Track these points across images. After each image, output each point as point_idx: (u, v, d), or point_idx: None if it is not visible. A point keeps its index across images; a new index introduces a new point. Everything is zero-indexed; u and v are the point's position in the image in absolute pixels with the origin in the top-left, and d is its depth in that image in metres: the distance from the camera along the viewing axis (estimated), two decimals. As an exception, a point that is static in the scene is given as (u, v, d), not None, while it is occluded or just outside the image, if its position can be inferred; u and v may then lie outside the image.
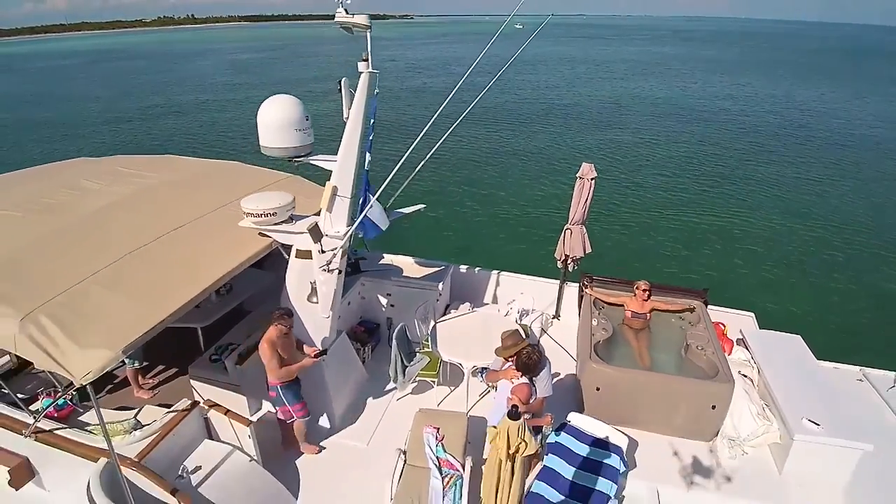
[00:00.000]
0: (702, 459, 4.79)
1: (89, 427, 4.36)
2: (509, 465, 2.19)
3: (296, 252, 4.81)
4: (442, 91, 36.70)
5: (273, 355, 4.39)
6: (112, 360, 3.43)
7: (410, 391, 5.64)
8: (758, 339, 5.64)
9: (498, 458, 2.20)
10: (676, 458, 4.77)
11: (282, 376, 4.48)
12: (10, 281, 3.94)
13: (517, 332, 4.05)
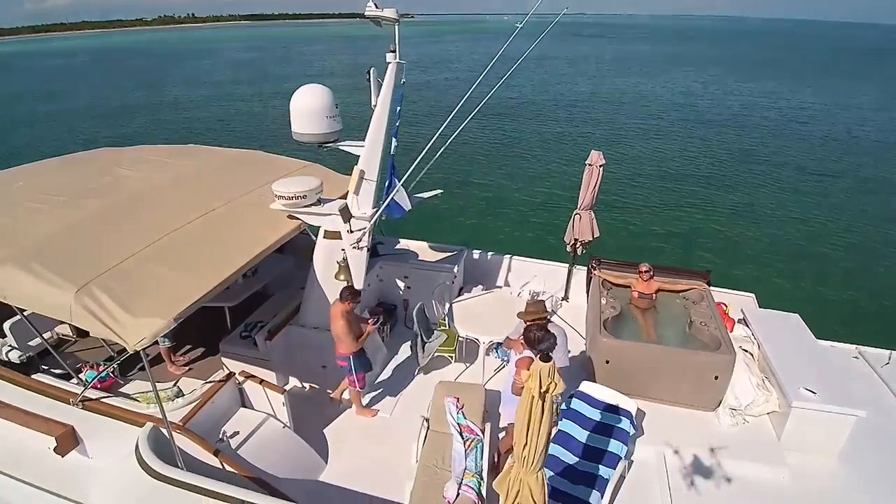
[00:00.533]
0: (705, 427, 5.10)
1: (134, 395, 4.66)
2: (540, 403, 2.47)
3: (324, 233, 5.12)
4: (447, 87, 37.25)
5: (348, 327, 4.80)
6: (164, 327, 3.73)
7: (430, 367, 5.94)
8: (758, 318, 5.93)
9: (531, 396, 2.49)
10: (681, 426, 5.07)
11: (354, 346, 4.88)
12: (62, 258, 4.25)
13: (543, 302, 4.33)
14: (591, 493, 4.12)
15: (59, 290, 3.89)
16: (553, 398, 2.45)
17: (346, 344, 4.85)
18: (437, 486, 4.21)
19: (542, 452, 2.66)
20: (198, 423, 4.48)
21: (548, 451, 2.72)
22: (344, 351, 4.90)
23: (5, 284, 4.06)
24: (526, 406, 2.49)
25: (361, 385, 5.12)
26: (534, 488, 2.75)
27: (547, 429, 2.56)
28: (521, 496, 2.78)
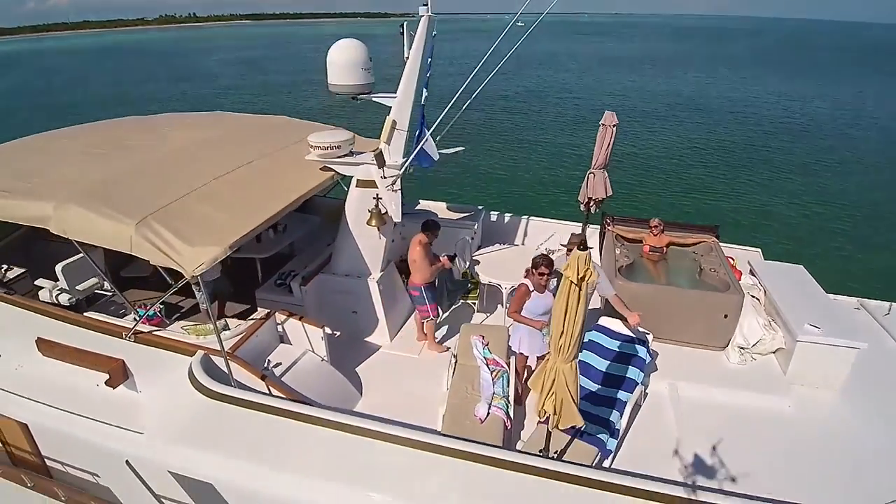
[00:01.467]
0: (715, 364, 5.42)
1: (184, 327, 4.97)
2: (577, 290, 2.76)
3: (356, 182, 5.43)
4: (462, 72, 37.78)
5: (425, 257, 5.27)
6: (221, 254, 4.04)
7: (454, 315, 6.26)
8: (764, 268, 6.25)
9: (568, 283, 2.78)
10: (692, 363, 5.39)
11: (428, 276, 5.35)
12: (118, 198, 4.57)
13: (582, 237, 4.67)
14: (611, 413, 4.45)
15: (119, 224, 4.21)
16: (588, 285, 2.74)
17: (421, 273, 5.32)
18: (467, 407, 4.54)
19: (577, 340, 2.97)
20: (243, 354, 4.80)
21: (582, 340, 3.03)
22: (417, 281, 5.37)
23: (67, 220, 4.38)
24: (564, 293, 2.79)
25: (435, 314, 5.55)
26: (568, 376, 3.07)
27: (582, 317, 2.87)
28: (556, 385, 3.10)
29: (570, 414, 3.18)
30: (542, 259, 4.43)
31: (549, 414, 3.29)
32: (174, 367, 4.67)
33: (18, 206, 4.57)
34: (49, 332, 5.14)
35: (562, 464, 3.49)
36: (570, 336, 2.90)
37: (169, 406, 4.65)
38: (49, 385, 5.14)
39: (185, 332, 4.87)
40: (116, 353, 4.99)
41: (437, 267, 5.48)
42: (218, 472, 4.31)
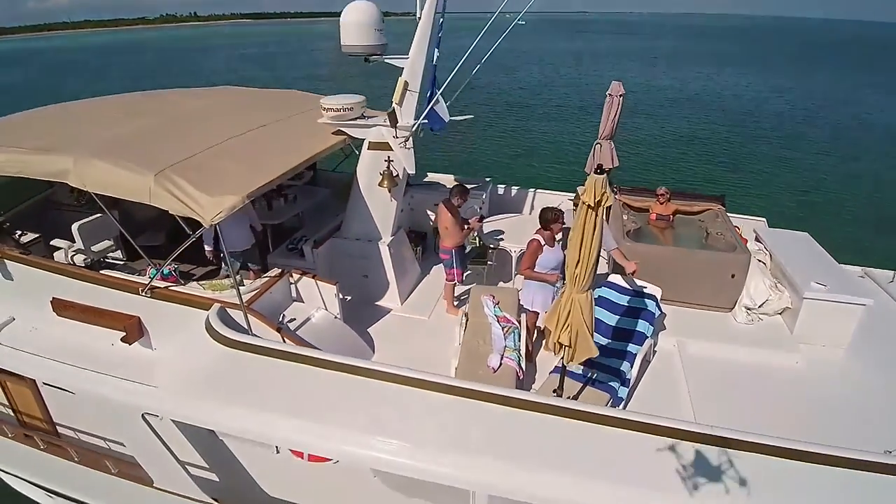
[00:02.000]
0: (722, 324, 5.49)
1: (200, 282, 5.03)
2: (594, 215, 2.83)
3: (368, 144, 5.50)
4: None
5: (455, 220, 5.38)
6: (238, 203, 4.13)
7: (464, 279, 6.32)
8: (770, 235, 6.32)
9: (585, 208, 2.85)
10: (700, 323, 5.45)
11: (459, 239, 5.45)
12: (136, 153, 4.65)
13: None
14: (621, 364, 4.52)
15: (138, 175, 4.29)
16: (604, 209, 2.81)
17: (451, 237, 5.42)
18: (480, 358, 4.61)
19: (592, 270, 3.04)
20: (258, 309, 4.86)
21: (596, 270, 3.09)
22: (448, 244, 5.46)
23: (86, 173, 4.46)
24: (580, 220, 2.86)
25: (460, 279, 5.67)
26: (583, 306, 3.14)
27: (598, 244, 2.94)
28: (571, 316, 3.17)
29: (586, 345, 3.25)
30: (550, 212, 4.51)
31: (564, 346, 3.36)
32: (190, 322, 4.73)
33: (38, 162, 4.64)
34: (64, 291, 5.20)
35: (577, 403, 3.57)
36: (586, 265, 2.97)
37: (185, 358, 4.71)
38: (63, 346, 5.17)
39: (201, 288, 4.95)
40: (132, 310, 5.06)
41: (467, 230, 5.59)
42: (236, 421, 4.37)
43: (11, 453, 6.04)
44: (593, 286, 3.28)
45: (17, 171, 4.72)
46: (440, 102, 5.26)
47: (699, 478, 3.57)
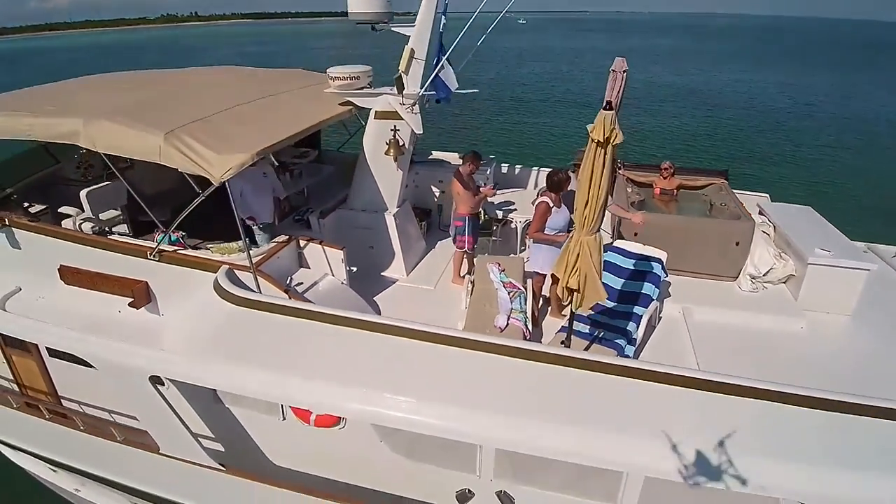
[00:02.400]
0: (727, 292, 5.51)
1: (208, 246, 5.05)
2: (602, 152, 2.86)
3: (375, 114, 5.54)
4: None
5: (467, 187, 5.42)
6: (247, 160, 4.16)
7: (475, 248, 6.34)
8: (774, 208, 6.34)
9: (594, 145, 2.87)
10: (705, 292, 5.48)
11: (472, 205, 5.48)
12: (146, 114, 4.69)
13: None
14: (627, 324, 4.56)
15: (148, 135, 4.32)
16: (615, 148, 2.84)
17: (465, 203, 5.45)
18: (486, 319, 4.64)
19: (600, 211, 3.07)
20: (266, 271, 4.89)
21: (604, 212, 3.12)
22: (462, 211, 5.50)
23: (96, 134, 4.49)
24: (589, 158, 2.89)
25: (470, 247, 5.70)
26: (592, 249, 3.16)
27: (607, 184, 2.97)
28: (580, 260, 3.20)
29: (594, 289, 3.28)
30: (558, 174, 4.55)
31: (573, 291, 3.38)
32: (198, 285, 4.76)
33: (48, 125, 4.68)
34: (72, 258, 5.22)
35: (585, 353, 3.60)
36: (594, 206, 3.00)
37: (193, 320, 4.73)
38: (70, 314, 5.18)
39: (210, 252, 4.97)
40: (140, 275, 5.08)
41: (480, 197, 5.62)
42: (244, 380, 4.39)
43: (15, 424, 6.05)
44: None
45: (26, 134, 4.76)
46: (447, 69, 5.30)
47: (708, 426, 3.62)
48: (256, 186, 5.13)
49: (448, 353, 3.83)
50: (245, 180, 5.03)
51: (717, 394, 3.52)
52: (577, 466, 4.46)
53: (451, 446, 4.72)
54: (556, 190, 4.64)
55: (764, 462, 3.62)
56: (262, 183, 5.23)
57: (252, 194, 5.07)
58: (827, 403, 3.44)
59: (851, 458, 3.57)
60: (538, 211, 4.64)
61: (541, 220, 4.60)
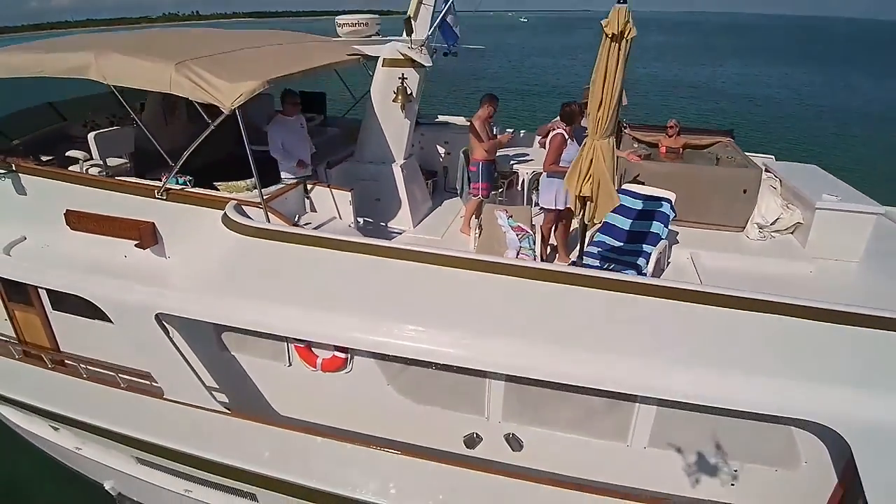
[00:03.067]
0: (735, 241, 5.51)
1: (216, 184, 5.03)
2: (616, 47, 2.84)
3: (383, 62, 5.54)
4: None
5: (483, 131, 5.44)
6: (258, 86, 4.16)
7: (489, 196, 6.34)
8: (780, 166, 6.35)
9: (607, 41, 2.85)
10: (713, 240, 5.48)
11: (487, 149, 5.50)
12: (157, 49, 4.70)
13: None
14: (637, 259, 4.56)
15: (158, 65, 4.33)
16: (629, 44, 2.83)
17: (479, 149, 5.48)
18: (495, 255, 4.63)
19: (614, 112, 3.06)
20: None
21: (618, 114, 3.11)
22: (477, 156, 5.52)
23: (107, 66, 4.49)
24: (602, 56, 2.88)
25: (485, 194, 5.71)
26: (605, 153, 3.16)
27: (621, 83, 2.96)
28: (593, 166, 3.19)
29: (608, 195, 3.27)
30: (567, 104, 4.54)
31: (587, 201, 3.38)
32: (205, 222, 4.73)
33: (58, 59, 4.68)
34: (78, 202, 5.19)
35: (602, 271, 3.59)
36: (608, 107, 3.00)
37: (201, 256, 4.71)
38: (75, 260, 5.14)
39: (218, 191, 4.95)
40: (147, 217, 5.05)
41: (494, 143, 5.63)
42: (256, 314, 4.37)
43: (18, 377, 6.01)
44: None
45: (37, 70, 4.76)
46: (454, 17, 5.31)
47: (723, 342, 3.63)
48: (298, 136, 5.24)
49: (460, 277, 3.82)
50: (287, 130, 5.14)
51: (737, 310, 3.51)
52: (587, 404, 4.48)
53: (459, 387, 4.72)
54: (568, 122, 4.64)
55: (784, 382, 3.63)
56: (301, 133, 5.34)
57: (294, 144, 5.16)
58: (845, 316, 3.44)
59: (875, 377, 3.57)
60: (554, 143, 4.65)
61: (556, 151, 4.62)
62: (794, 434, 4.24)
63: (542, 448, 4.71)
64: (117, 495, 6.66)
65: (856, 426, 3.57)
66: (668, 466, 4.52)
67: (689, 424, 4.35)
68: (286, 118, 5.25)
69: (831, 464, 4.28)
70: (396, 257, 3.94)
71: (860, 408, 3.55)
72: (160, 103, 6.30)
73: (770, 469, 4.42)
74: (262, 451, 5.01)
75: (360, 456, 4.67)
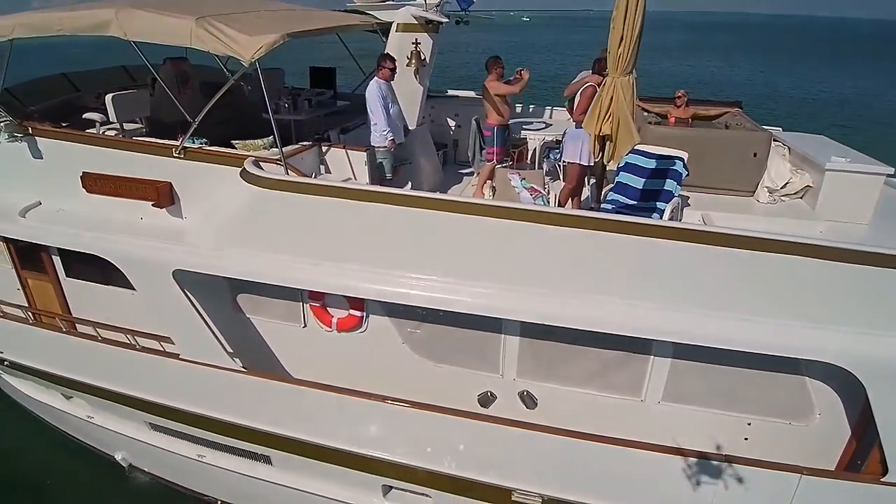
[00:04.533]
0: (746, 204, 5.56)
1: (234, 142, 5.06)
2: None
3: (397, 27, 5.60)
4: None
5: (494, 95, 5.53)
6: (278, 39, 4.22)
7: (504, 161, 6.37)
8: (788, 136, 6.40)
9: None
10: (723, 204, 5.52)
11: (500, 112, 5.60)
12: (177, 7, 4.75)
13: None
14: (650, 215, 4.60)
15: (179, 20, 4.39)
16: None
17: (491, 113, 5.58)
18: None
19: (635, 47, 3.11)
20: None
21: (638, 50, 3.16)
22: (492, 121, 5.62)
23: (128, 22, 4.54)
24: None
25: (499, 158, 5.78)
26: (625, 90, 3.21)
27: (641, 20, 3.01)
28: (613, 104, 3.24)
29: (627, 133, 3.32)
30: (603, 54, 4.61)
31: (606, 140, 3.43)
32: (223, 180, 4.74)
33: (79, 17, 4.73)
34: (95, 164, 5.21)
35: (617, 216, 3.64)
36: (629, 42, 3.05)
37: (219, 213, 4.73)
38: (90, 224, 5.13)
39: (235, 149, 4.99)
40: (164, 177, 5.04)
41: (517, 79, 5.74)
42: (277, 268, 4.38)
43: (32, 343, 6.03)
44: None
45: (57, 28, 4.81)
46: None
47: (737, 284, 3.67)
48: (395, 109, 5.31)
49: (474, 224, 3.86)
50: (389, 100, 5.22)
51: (751, 251, 3.56)
52: (602, 358, 4.52)
53: (474, 344, 4.75)
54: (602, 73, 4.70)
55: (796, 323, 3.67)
56: (397, 109, 5.40)
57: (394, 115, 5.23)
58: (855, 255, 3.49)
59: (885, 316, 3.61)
60: (585, 94, 4.78)
61: (587, 101, 4.68)
62: (808, 385, 4.28)
63: (557, 405, 4.75)
64: (128, 466, 6.68)
65: (869, 365, 3.62)
66: (681, 421, 4.56)
67: (702, 378, 4.39)
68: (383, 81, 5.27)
69: (844, 415, 4.32)
70: (422, 206, 3.97)
71: (873, 347, 3.60)
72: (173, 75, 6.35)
73: (784, 422, 4.45)
74: (278, 410, 5.04)
75: (377, 413, 4.70)
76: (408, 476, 4.89)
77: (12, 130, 5.38)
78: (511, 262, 3.93)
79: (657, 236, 3.55)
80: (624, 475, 4.36)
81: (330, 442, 4.91)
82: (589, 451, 4.29)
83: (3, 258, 6.01)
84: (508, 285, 3.97)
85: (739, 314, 3.72)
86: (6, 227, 5.40)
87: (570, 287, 3.85)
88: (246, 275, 4.54)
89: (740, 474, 4.07)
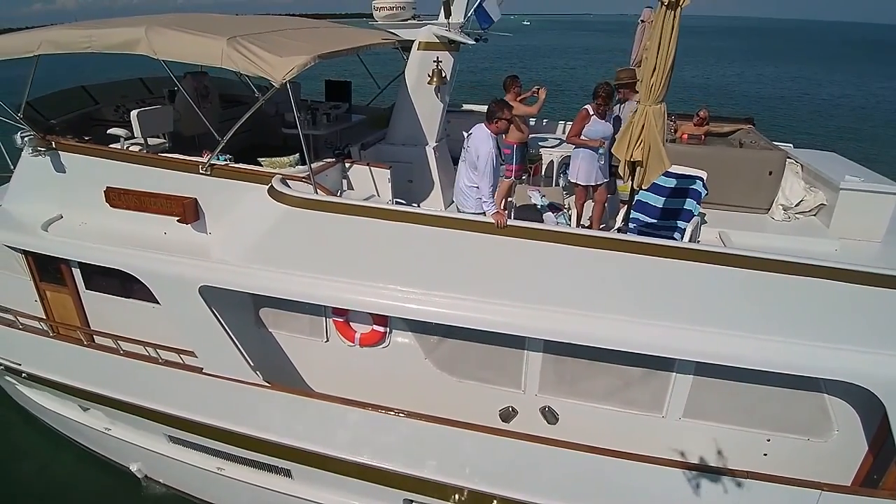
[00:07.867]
0: (761, 221, 5.65)
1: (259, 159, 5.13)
2: (671, 14, 2.97)
3: (419, 45, 5.68)
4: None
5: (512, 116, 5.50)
6: (309, 61, 4.29)
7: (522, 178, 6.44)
8: (800, 153, 6.49)
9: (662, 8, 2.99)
10: (739, 221, 5.60)
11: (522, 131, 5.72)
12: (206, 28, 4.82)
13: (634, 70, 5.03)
14: (672, 234, 4.69)
15: (211, 40, 4.46)
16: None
17: (514, 132, 5.65)
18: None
19: (667, 77, 3.20)
20: None
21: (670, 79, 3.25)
22: (511, 139, 5.69)
23: (158, 41, 4.60)
24: (658, 23, 3.02)
25: (517, 175, 5.88)
26: (657, 118, 3.30)
27: (674, 49, 3.10)
28: (644, 130, 3.33)
29: (658, 159, 3.40)
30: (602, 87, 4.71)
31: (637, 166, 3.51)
32: (250, 197, 4.80)
33: (108, 34, 4.79)
34: (119, 179, 5.24)
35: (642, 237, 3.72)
36: (662, 73, 3.14)
37: (246, 229, 4.79)
38: (113, 238, 5.19)
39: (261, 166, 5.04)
40: (189, 193, 5.07)
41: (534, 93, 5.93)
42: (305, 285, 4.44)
43: (52, 355, 6.03)
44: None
45: (85, 46, 4.86)
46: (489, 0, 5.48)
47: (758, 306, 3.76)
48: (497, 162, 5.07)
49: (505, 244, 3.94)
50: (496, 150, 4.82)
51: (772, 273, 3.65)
52: (624, 375, 4.58)
53: (497, 360, 4.81)
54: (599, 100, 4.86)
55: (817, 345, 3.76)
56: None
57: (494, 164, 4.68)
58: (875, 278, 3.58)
59: None
60: (578, 117, 4.96)
61: (579, 125, 4.97)
62: (828, 402, 4.36)
63: (578, 421, 4.81)
64: (143, 477, 6.68)
65: (889, 385, 3.71)
66: (702, 436, 4.62)
67: (724, 394, 4.46)
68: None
69: (862, 431, 4.40)
70: (448, 226, 4.05)
71: (892, 367, 3.69)
72: (193, 89, 6.42)
73: (802, 438, 4.53)
74: (301, 423, 5.08)
75: (399, 427, 4.75)
76: (428, 490, 4.94)
77: (36, 144, 5.42)
78: (535, 282, 4.01)
79: (684, 259, 3.64)
80: (644, 490, 4.43)
81: (351, 456, 4.96)
82: (610, 467, 4.36)
83: (22, 270, 6.03)
84: (533, 304, 4.04)
85: (763, 335, 3.81)
86: (30, 240, 5.44)
87: (594, 306, 3.93)
88: (275, 291, 4.60)
89: (761, 490, 4.14)
